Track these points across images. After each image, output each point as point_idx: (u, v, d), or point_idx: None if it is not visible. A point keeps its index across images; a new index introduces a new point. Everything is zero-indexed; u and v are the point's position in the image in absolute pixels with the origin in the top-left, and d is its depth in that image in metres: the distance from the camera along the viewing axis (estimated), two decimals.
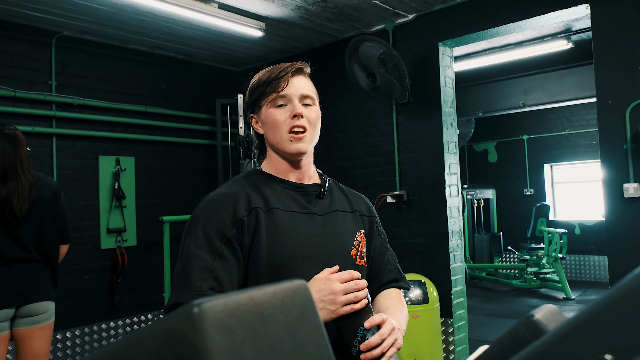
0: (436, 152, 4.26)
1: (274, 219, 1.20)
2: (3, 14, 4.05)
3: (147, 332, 0.38)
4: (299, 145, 1.23)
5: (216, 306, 0.36)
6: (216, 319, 0.36)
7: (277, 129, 1.24)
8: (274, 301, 0.40)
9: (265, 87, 1.25)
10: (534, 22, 3.94)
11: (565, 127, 8.82)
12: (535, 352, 0.37)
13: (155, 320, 0.38)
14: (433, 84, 4.28)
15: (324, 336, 0.42)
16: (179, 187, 5.24)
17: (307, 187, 1.30)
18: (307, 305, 0.42)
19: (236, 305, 0.38)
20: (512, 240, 8.92)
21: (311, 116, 1.26)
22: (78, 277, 4.46)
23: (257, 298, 0.39)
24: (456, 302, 4.23)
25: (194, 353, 0.35)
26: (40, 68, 4.36)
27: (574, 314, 0.40)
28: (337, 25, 4.57)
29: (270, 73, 1.26)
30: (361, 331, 1.08)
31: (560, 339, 0.36)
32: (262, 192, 1.24)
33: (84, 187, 4.56)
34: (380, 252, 1.40)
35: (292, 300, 0.41)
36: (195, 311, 0.35)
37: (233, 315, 0.37)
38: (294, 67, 1.26)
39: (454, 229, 4.26)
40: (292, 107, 1.24)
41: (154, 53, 5.12)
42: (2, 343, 2.52)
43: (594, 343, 0.34)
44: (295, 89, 1.25)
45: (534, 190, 9.10)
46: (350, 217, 1.34)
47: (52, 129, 4.37)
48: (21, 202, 2.55)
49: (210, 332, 0.35)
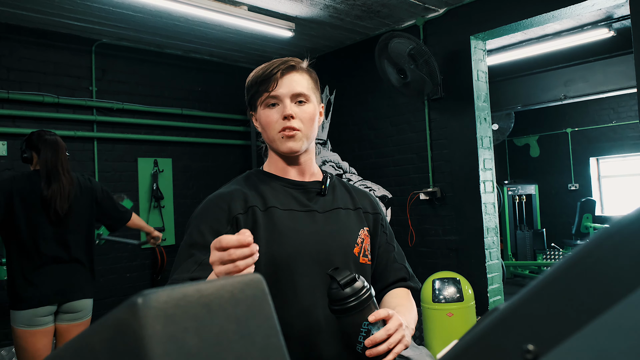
0: (470, 147, 4.18)
1: (272, 218, 1.19)
2: (46, 25, 4.26)
3: (102, 322, 0.41)
4: (291, 144, 1.22)
5: (160, 297, 0.39)
6: (159, 308, 0.38)
7: (269, 129, 1.23)
8: (223, 293, 0.42)
9: (258, 87, 1.23)
10: (570, 11, 3.81)
11: (612, 118, 8.46)
12: (463, 345, 0.38)
13: (111, 310, 0.41)
14: (465, 79, 4.21)
15: (275, 327, 0.44)
16: (215, 187, 5.30)
17: (307, 185, 1.28)
18: (259, 297, 0.44)
19: (181, 297, 0.40)
20: (555, 237, 8.64)
21: (304, 115, 1.23)
22: (119, 276, 4.63)
23: (205, 290, 0.41)
24: (493, 300, 4.15)
25: (136, 340, 0.37)
26: (81, 75, 4.55)
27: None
28: (367, 23, 4.56)
29: (263, 71, 1.24)
30: (365, 326, 1.02)
31: (487, 331, 0.36)
32: (261, 191, 1.23)
33: (124, 189, 4.73)
34: (386, 250, 1.36)
35: (242, 292, 0.43)
36: (139, 301, 0.38)
37: (177, 306, 0.39)
38: (285, 65, 1.23)
39: (490, 225, 4.18)
40: (283, 107, 1.21)
41: (189, 57, 5.25)
42: (47, 335, 2.69)
43: (518, 333, 0.34)
44: (287, 88, 1.22)
45: (579, 185, 8.79)
46: (353, 214, 1.31)
47: (94, 132, 4.55)
48: (63, 202, 2.70)
49: (152, 320, 0.37)
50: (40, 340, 2.64)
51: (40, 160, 2.73)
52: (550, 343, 0.33)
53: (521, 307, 0.35)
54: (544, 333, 0.33)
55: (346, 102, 5.05)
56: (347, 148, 5.00)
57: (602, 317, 0.31)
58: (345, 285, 1.03)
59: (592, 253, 0.32)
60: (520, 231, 8.59)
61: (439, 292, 3.89)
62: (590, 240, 0.33)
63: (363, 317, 1.02)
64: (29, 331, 2.61)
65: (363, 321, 1.02)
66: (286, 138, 1.21)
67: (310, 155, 1.30)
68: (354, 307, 1.02)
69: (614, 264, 0.32)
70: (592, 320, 0.31)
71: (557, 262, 0.34)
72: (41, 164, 2.72)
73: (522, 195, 8.65)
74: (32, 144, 2.78)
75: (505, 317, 0.36)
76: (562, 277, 0.33)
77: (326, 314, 1.16)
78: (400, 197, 4.65)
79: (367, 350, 1.01)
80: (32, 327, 2.62)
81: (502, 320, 0.36)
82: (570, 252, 0.34)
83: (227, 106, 5.54)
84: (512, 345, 0.34)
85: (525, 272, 8.17)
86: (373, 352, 1.01)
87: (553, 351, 0.33)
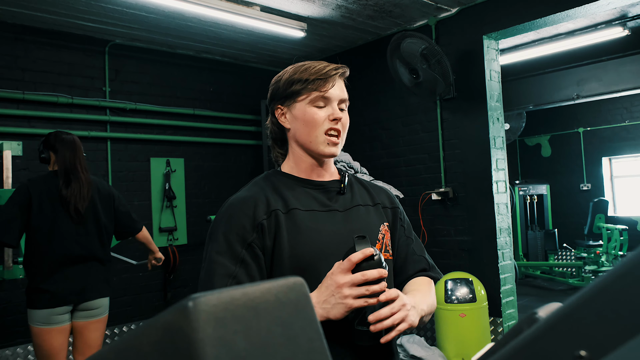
0: (482, 147, 4.17)
1: (295, 219, 1.20)
2: (60, 25, 4.29)
3: (151, 324, 0.42)
4: (333, 149, 1.25)
5: (209, 300, 0.39)
6: (209, 312, 0.39)
7: (314, 128, 1.23)
8: (268, 296, 0.43)
9: (307, 84, 1.23)
10: (584, 10, 3.78)
11: (625, 118, 8.38)
12: (515, 348, 0.38)
13: (161, 313, 0.42)
14: (478, 78, 4.19)
15: (318, 330, 0.44)
16: (227, 186, 5.38)
17: (327, 185, 1.29)
18: (302, 301, 0.45)
19: (229, 300, 0.40)
20: (567, 238, 8.58)
21: (345, 121, 1.27)
22: (133, 275, 4.66)
23: (251, 293, 0.42)
24: (505, 301, 4.13)
25: (188, 344, 0.38)
26: (95, 75, 4.58)
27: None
28: (379, 23, 4.55)
29: (312, 69, 1.25)
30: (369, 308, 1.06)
31: (538, 336, 0.36)
32: (281, 193, 1.23)
33: (137, 188, 4.77)
34: (405, 243, 1.38)
35: (286, 296, 0.44)
36: (189, 305, 0.38)
37: (226, 309, 0.40)
38: (341, 70, 1.27)
39: (502, 226, 4.16)
40: (332, 109, 1.24)
41: (201, 57, 5.27)
42: (64, 333, 2.72)
43: (570, 340, 0.34)
44: (338, 92, 1.26)
45: (591, 185, 8.71)
46: (372, 210, 1.32)
47: (107, 133, 4.59)
48: (82, 201, 2.73)
49: (203, 324, 0.38)
50: (57, 338, 2.67)
51: (59, 159, 2.75)
52: (604, 349, 0.33)
53: (574, 312, 0.35)
54: (597, 339, 0.33)
55: (358, 102, 5.04)
56: (358, 148, 5.00)
57: None
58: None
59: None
60: (531, 231, 8.54)
61: (451, 293, 3.88)
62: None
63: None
64: (45, 329, 2.64)
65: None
66: (331, 144, 1.24)
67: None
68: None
69: None
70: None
71: (612, 266, 0.34)
72: (59, 163, 2.74)
73: (533, 195, 8.60)
74: (49, 144, 2.81)
75: (557, 321, 0.36)
76: (617, 281, 0.33)
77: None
78: (412, 198, 4.64)
79: (371, 325, 1.04)
80: (49, 325, 2.65)
81: (553, 325, 0.36)
82: (627, 256, 0.34)
83: (239, 106, 5.56)
84: (563, 350, 0.34)
85: (536, 273, 8.12)
86: (377, 326, 1.04)
87: (606, 358, 0.33)
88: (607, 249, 7.17)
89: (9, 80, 4.12)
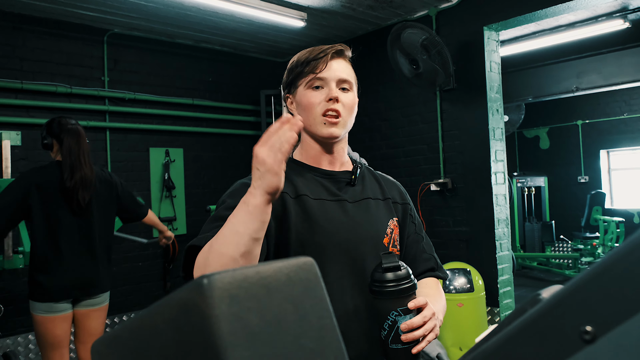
0: (482, 139, 4.18)
1: (303, 206, 1.19)
2: (58, 14, 4.27)
3: (166, 302, 0.43)
4: (332, 129, 1.21)
5: (224, 278, 0.40)
6: (223, 289, 0.40)
7: (310, 110, 1.21)
8: (280, 275, 0.44)
9: (303, 67, 1.22)
10: (585, 2, 3.78)
11: (624, 111, 8.39)
12: (520, 326, 0.39)
13: (174, 291, 0.43)
14: (478, 70, 4.19)
15: (328, 308, 0.45)
16: (226, 177, 5.39)
17: (337, 174, 1.28)
18: (313, 280, 0.46)
19: (243, 278, 0.41)
20: (564, 229, 8.62)
21: (347, 101, 1.23)
22: (132, 264, 4.68)
23: (264, 272, 0.43)
24: (503, 291, 4.16)
25: (203, 319, 0.39)
26: (93, 65, 4.57)
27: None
28: (379, 13, 4.54)
29: (309, 53, 1.23)
30: (393, 316, 1.03)
31: (544, 314, 0.37)
32: (292, 179, 1.21)
33: (136, 178, 4.77)
34: (415, 240, 1.36)
35: (297, 275, 0.45)
36: (205, 282, 0.39)
37: (240, 287, 0.41)
38: (334, 49, 1.23)
39: (500, 217, 4.18)
40: (329, 90, 1.21)
41: (200, 47, 5.26)
42: (67, 321, 2.72)
43: (576, 315, 0.35)
44: (334, 72, 1.22)
45: (588, 177, 8.74)
46: (382, 204, 1.31)
47: (106, 122, 4.58)
48: (86, 192, 2.71)
49: (218, 301, 0.39)
50: (60, 326, 2.67)
51: (64, 150, 2.71)
52: (609, 325, 0.34)
53: (579, 289, 0.36)
54: (603, 315, 0.34)
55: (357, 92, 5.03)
56: (357, 138, 5.00)
57: None
58: (387, 270, 1.05)
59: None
60: (529, 223, 8.58)
61: (449, 283, 3.91)
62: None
63: (394, 306, 1.04)
64: (48, 317, 2.65)
65: (392, 310, 1.04)
66: (329, 124, 1.21)
67: (343, 144, 1.30)
68: (388, 293, 1.04)
69: None
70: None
71: (617, 245, 0.35)
72: (64, 154, 2.71)
73: (531, 187, 8.63)
74: (53, 132, 2.77)
75: (562, 298, 0.37)
76: (622, 259, 0.34)
77: (355, 303, 1.18)
78: (411, 188, 4.65)
79: (402, 335, 1.02)
80: (52, 313, 2.65)
81: (559, 302, 0.37)
82: (632, 236, 0.35)
83: (238, 96, 5.55)
84: (569, 326, 0.35)
85: (533, 264, 8.17)
86: (409, 336, 1.02)
87: (611, 332, 0.34)
88: (603, 241, 7.21)
89: (7, 69, 4.11)
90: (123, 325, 0.48)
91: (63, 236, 2.69)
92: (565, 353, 0.35)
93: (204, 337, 0.38)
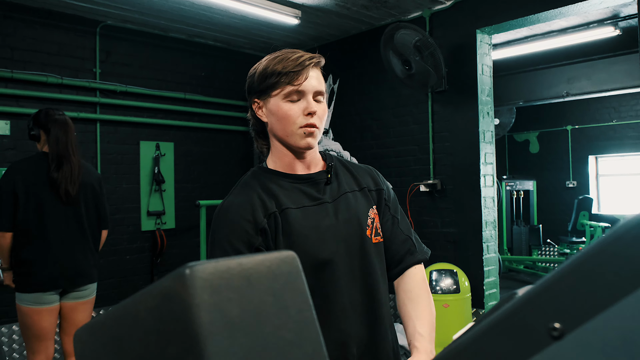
0: (472, 141, 4.21)
1: (288, 219, 1.20)
2: (51, 4, 4.23)
3: (148, 291, 0.43)
4: (310, 140, 1.22)
5: (206, 268, 0.41)
6: (205, 279, 0.40)
7: (288, 123, 1.21)
8: (262, 268, 0.44)
9: (280, 77, 1.20)
10: (577, 8, 3.82)
11: (613, 117, 8.50)
12: (493, 322, 0.40)
13: (156, 281, 0.43)
14: (470, 72, 4.22)
15: (307, 301, 0.46)
16: (216, 172, 5.38)
17: (314, 177, 1.28)
18: (294, 273, 0.46)
19: (225, 269, 0.42)
20: (552, 233, 8.70)
21: (321, 112, 1.24)
22: (120, 257, 4.66)
23: (246, 264, 0.44)
24: (488, 293, 4.19)
25: (184, 308, 0.39)
26: (85, 56, 4.53)
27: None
28: (374, 13, 4.55)
29: (284, 62, 1.20)
30: None
31: (514, 311, 0.38)
32: (273, 193, 1.22)
33: (125, 171, 4.74)
34: (391, 222, 1.36)
35: (279, 268, 0.46)
36: (186, 272, 0.40)
37: (221, 278, 0.41)
38: (314, 61, 1.22)
39: (488, 219, 4.22)
40: (307, 103, 1.21)
41: (193, 41, 5.24)
42: (53, 313, 2.71)
43: (545, 312, 0.37)
44: (311, 84, 1.21)
45: (576, 182, 8.84)
46: (359, 195, 1.32)
47: (97, 114, 4.55)
48: (72, 184, 2.70)
49: (199, 290, 0.40)
50: (47, 319, 2.66)
51: (51, 141, 2.70)
52: (577, 321, 0.35)
53: (549, 287, 0.37)
54: (571, 312, 0.36)
55: (349, 91, 5.05)
56: (348, 137, 5.01)
57: (629, 298, 0.33)
58: None
59: (621, 236, 0.34)
60: (516, 226, 8.65)
61: (435, 284, 3.94)
62: (619, 225, 0.35)
63: None
64: (35, 309, 2.63)
65: None
66: (307, 135, 1.22)
67: (315, 147, 1.30)
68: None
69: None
70: (619, 300, 0.33)
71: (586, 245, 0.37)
72: (51, 145, 2.70)
73: (520, 190, 8.70)
74: (40, 123, 2.75)
75: (532, 296, 0.38)
76: (590, 258, 0.35)
77: (351, 299, 1.22)
78: (400, 188, 4.68)
79: None
80: (39, 305, 2.64)
81: (529, 299, 0.38)
82: (601, 237, 0.37)
83: (230, 92, 5.54)
84: (538, 323, 0.37)
85: (520, 267, 8.24)
86: None
87: (579, 329, 0.35)
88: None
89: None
90: (106, 313, 0.48)
91: (50, 228, 2.67)
92: (534, 349, 0.37)
93: (184, 326, 0.39)
